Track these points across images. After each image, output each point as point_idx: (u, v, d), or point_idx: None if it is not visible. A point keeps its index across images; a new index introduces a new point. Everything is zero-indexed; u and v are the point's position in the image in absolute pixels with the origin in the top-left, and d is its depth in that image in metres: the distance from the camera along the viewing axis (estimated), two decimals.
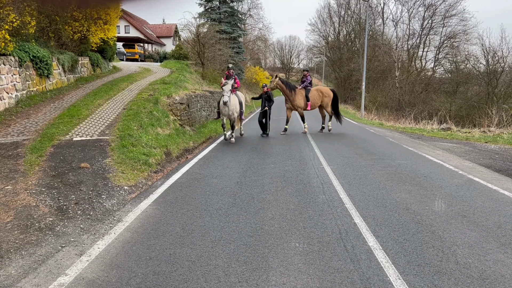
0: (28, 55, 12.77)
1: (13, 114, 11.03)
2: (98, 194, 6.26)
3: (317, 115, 18.09)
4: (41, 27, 14.30)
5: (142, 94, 14.53)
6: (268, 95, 14.23)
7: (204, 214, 5.69)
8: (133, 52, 38.26)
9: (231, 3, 38.67)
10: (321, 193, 6.81)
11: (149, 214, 5.70)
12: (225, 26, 36.04)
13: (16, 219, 5.16)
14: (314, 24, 65.14)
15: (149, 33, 50.65)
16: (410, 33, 43.06)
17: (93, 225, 5.19)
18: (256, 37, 72.17)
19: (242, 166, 9.02)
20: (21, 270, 3.94)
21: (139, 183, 7.25)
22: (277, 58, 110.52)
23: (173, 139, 11.01)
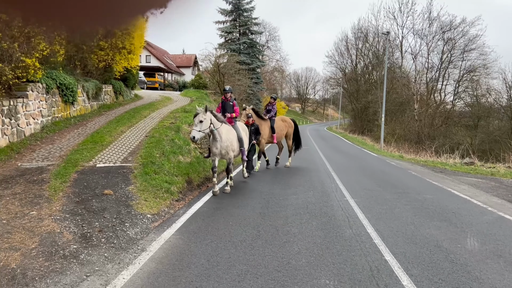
0: (55, 82, 13.10)
1: (38, 139, 11.21)
2: (121, 221, 6.20)
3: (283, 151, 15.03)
4: (68, 55, 14.71)
5: (164, 122, 14.68)
6: (255, 127, 11.64)
7: (228, 246, 5.55)
8: (153, 81, 39.06)
9: (250, 35, 39.54)
10: (347, 227, 6.62)
11: (173, 244, 5.59)
12: (244, 57, 36.69)
13: (41, 246, 5.11)
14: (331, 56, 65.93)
15: (169, 62, 51.82)
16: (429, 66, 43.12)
17: (117, 254, 5.10)
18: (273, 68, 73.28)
19: (263, 196, 8.90)
20: None
21: (161, 211, 7.18)
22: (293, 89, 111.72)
23: (194, 167, 10.99)
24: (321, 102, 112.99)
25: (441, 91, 43.81)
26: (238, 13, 38.64)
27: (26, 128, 11.22)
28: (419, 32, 43.67)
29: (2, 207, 6.28)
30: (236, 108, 10.01)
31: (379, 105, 41.02)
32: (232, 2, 38.64)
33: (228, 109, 9.89)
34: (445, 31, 42.30)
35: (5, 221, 5.71)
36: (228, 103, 9.99)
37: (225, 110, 9.86)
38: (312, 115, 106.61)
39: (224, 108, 9.92)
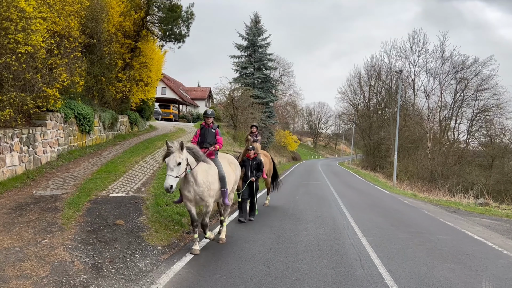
0: (73, 112, 13.46)
1: (54, 167, 11.42)
2: (132, 253, 6.21)
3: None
4: (87, 86, 15.16)
5: None
6: (257, 162, 9.72)
7: (238, 282, 5.50)
8: (168, 112, 39.74)
9: (265, 70, 40.30)
10: (359, 266, 6.51)
11: (182, 277, 5.56)
12: (258, 91, 37.27)
13: (52, 275, 5.13)
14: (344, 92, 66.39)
15: (184, 95, 52.81)
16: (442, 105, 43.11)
17: (127, 286, 5.09)
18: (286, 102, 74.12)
19: (274, 232, 8.83)
20: None
21: (172, 244, 7.17)
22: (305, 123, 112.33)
23: None
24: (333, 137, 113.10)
25: (455, 130, 43.60)
26: (254, 49, 39.58)
27: (43, 156, 11.45)
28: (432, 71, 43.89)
29: (16, 234, 6.35)
30: (220, 138, 7.79)
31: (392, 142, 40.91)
32: (248, 38, 39.67)
33: (208, 137, 7.67)
34: (458, 71, 42.50)
35: (18, 248, 5.77)
36: (209, 130, 7.78)
37: (204, 140, 7.69)
38: (324, 150, 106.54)
39: (204, 137, 7.71)
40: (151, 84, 20.65)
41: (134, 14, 17.82)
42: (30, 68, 10.05)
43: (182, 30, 19.19)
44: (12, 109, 9.51)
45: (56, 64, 11.67)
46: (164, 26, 18.80)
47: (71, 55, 12.52)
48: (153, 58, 20.20)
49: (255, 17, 40.52)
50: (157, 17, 19.08)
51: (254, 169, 9.65)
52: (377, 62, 59.39)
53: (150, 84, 20.58)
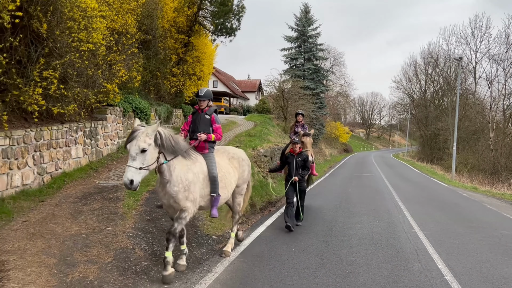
0: (131, 106, 14.04)
1: (114, 159, 12.01)
2: (188, 241, 6.42)
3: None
4: (144, 81, 15.75)
5: (229, 146, 15.05)
6: (303, 158, 8.42)
7: (291, 272, 5.54)
8: (219, 105, 40.41)
9: (315, 60, 39.77)
10: (416, 260, 6.32)
11: (236, 266, 5.68)
12: (309, 82, 36.88)
13: (115, 260, 5.44)
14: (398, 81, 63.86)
15: (235, 87, 53.43)
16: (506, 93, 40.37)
17: (185, 273, 5.29)
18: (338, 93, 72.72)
19: (326, 224, 8.77)
20: None
21: (226, 234, 7.33)
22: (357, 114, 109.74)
23: (257, 191, 11.13)
24: (387, 128, 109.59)
25: None
26: (303, 40, 39.13)
27: (104, 148, 12.08)
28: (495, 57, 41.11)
29: (82, 222, 6.78)
30: (217, 126, 5.99)
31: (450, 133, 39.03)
32: (298, 29, 39.27)
33: (201, 126, 5.93)
34: None
35: (84, 235, 6.16)
36: (202, 116, 6.00)
37: (196, 129, 5.96)
38: (377, 141, 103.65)
39: (195, 125, 5.99)
40: (203, 78, 21.07)
41: (187, 10, 18.21)
42: (91, 65, 10.59)
43: (233, 23, 19.37)
44: (76, 104, 10.09)
45: (115, 60, 12.22)
46: (216, 20, 19.07)
47: (128, 51, 13.04)
48: (205, 52, 20.57)
49: (304, 8, 39.97)
50: (209, 12, 19.38)
51: (299, 166, 8.34)
52: (435, 49, 56.44)
53: (203, 78, 21.00)
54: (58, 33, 8.55)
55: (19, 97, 7.79)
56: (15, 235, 5.78)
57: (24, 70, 8.04)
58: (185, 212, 5.29)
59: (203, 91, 6.08)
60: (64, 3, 8.79)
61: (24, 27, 7.86)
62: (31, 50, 8.18)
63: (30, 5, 7.67)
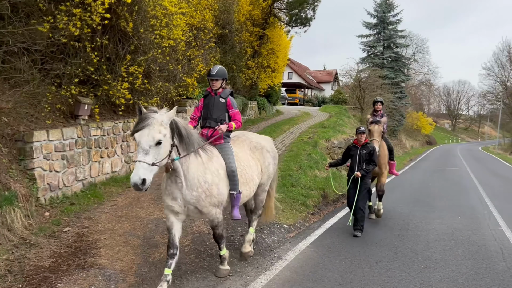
0: None
1: None
2: (260, 229, 6.61)
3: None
4: None
5: (302, 137, 15.10)
6: (368, 150, 7.14)
7: (363, 265, 5.48)
8: (294, 97, 40.43)
9: (395, 48, 38.02)
10: (500, 259, 5.90)
11: (307, 255, 5.76)
12: (388, 71, 35.41)
13: (192, 244, 5.80)
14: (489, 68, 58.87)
15: (310, 78, 52.96)
16: None
17: (256, 259, 5.48)
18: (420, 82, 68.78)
19: (403, 218, 8.48)
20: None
21: (297, 223, 7.43)
22: (442, 104, 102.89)
23: (330, 182, 11.05)
24: (476, 119, 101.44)
25: None
26: (383, 27, 37.52)
27: None
28: None
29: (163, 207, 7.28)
30: (234, 111, 5.05)
31: None
32: (377, 16, 37.74)
33: (215, 111, 4.99)
34: None
35: (165, 219, 6.62)
36: (216, 99, 5.03)
37: (208, 115, 5.03)
38: (464, 133, 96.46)
39: (208, 110, 5.04)
40: (278, 70, 21.22)
41: (262, 2, 18.41)
42: (172, 60, 11.20)
43: (308, 13, 19.20)
44: (159, 98, 10.77)
45: (194, 55, 12.80)
46: (290, 11, 19.05)
47: (206, 46, 13.58)
48: (280, 44, 20.67)
49: None
50: (284, 3, 19.41)
51: (363, 160, 7.09)
52: None
53: (277, 70, 21.15)
54: (142, 31, 9.16)
55: (108, 91, 8.51)
56: (105, 217, 6.39)
57: (113, 67, 8.76)
58: (214, 221, 4.69)
59: (216, 69, 5.00)
60: (147, 2, 9.39)
61: (112, 27, 8.55)
62: (119, 47, 8.87)
63: (118, 6, 8.31)
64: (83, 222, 6.06)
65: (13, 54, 6.72)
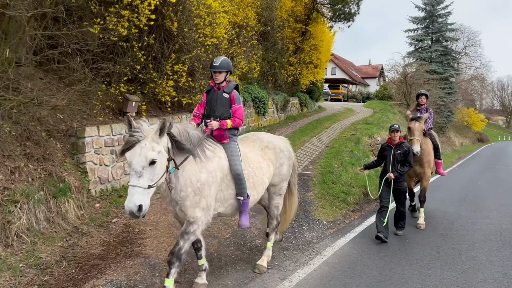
0: (251, 95, 14.79)
1: None
2: (299, 224, 6.69)
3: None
4: (262, 71, 16.43)
5: (344, 134, 14.95)
6: (403, 150, 6.60)
7: (403, 262, 5.42)
8: (337, 93, 39.88)
9: (444, 42, 36.58)
10: None
11: (346, 252, 5.77)
12: (436, 66, 34.13)
13: (232, 237, 5.98)
14: None
15: (354, 74, 52.02)
16: None
17: (295, 254, 5.57)
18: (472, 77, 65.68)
19: (447, 217, 8.24)
20: (235, 283, 4.54)
21: (337, 220, 7.42)
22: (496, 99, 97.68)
23: (372, 180, 10.88)
24: None
25: None
26: (431, 20, 36.16)
27: None
28: None
29: None
30: (236, 107, 4.63)
31: None
32: (425, 9, 36.41)
33: (218, 108, 4.61)
34: None
35: None
36: (219, 94, 4.64)
37: (211, 111, 4.65)
38: None
39: (211, 107, 4.67)
40: (320, 65, 21.08)
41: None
42: None
43: (352, 8, 18.92)
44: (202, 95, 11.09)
45: (236, 52, 13.01)
46: (334, 6, 18.85)
47: (248, 43, 13.75)
48: (323, 40, 20.52)
49: None
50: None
51: (397, 161, 6.57)
52: None
53: (320, 65, 21.01)
54: (186, 30, 9.44)
55: (154, 89, 8.86)
56: (151, 209, 6.67)
57: (159, 65, 9.10)
58: (193, 224, 4.03)
59: (219, 60, 4.57)
60: (192, 1, 9.66)
61: (158, 27, 8.88)
62: (164, 47, 9.20)
63: (163, 6, 8.62)
64: None
65: (67, 54, 7.16)
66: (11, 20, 5.87)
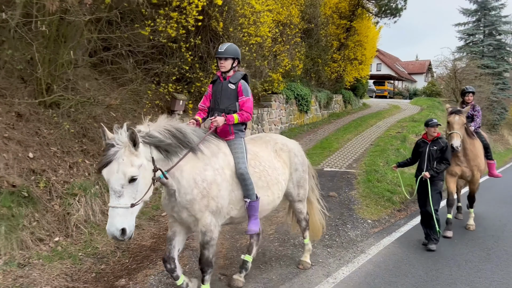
0: (293, 93, 14.83)
1: None
2: (343, 222, 6.69)
3: None
4: (305, 68, 16.40)
5: (390, 131, 14.65)
6: (440, 147, 5.97)
7: (450, 263, 5.31)
8: (382, 89, 39.00)
9: (498, 35, 34.77)
10: None
11: (391, 251, 5.72)
12: (488, 60, 32.55)
13: (276, 233, 6.09)
14: None
15: (400, 70, 50.56)
16: None
17: (338, 251, 5.59)
18: None
19: (499, 219, 7.92)
20: (280, 278, 4.65)
21: (382, 219, 7.34)
22: None
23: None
24: None
25: None
26: (484, 13, 34.45)
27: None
28: None
29: None
30: (244, 99, 4.14)
31: None
32: (477, 1, 34.79)
33: (223, 100, 4.15)
34: None
35: None
36: (225, 85, 4.15)
37: (216, 104, 4.19)
38: None
39: (215, 98, 4.20)
40: (365, 62, 20.74)
41: None
42: (258, 57, 11.59)
43: (399, 3, 18.48)
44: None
45: (280, 51, 13.10)
46: (379, 1, 18.49)
47: (291, 41, 13.79)
48: (368, 36, 20.16)
49: None
50: None
51: (433, 158, 5.98)
52: None
53: (364, 62, 20.67)
54: (231, 30, 9.64)
55: (200, 88, 9.13)
56: None
57: (204, 65, 9.36)
58: (206, 233, 3.74)
59: (225, 46, 4.10)
60: (236, 2, 9.84)
61: (204, 27, 9.14)
62: (210, 47, 9.45)
63: (210, 7, 8.85)
64: None
65: (120, 56, 7.54)
66: (69, 25, 6.27)
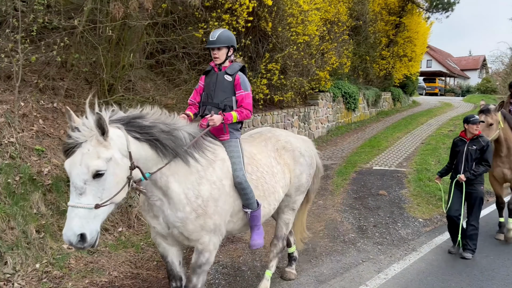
0: (341, 91, 14.75)
1: (324, 141, 12.97)
2: (394, 221, 6.66)
3: None
4: (353, 66, 16.25)
5: (441, 130, 14.24)
6: (480, 146, 5.23)
7: (508, 264, 5.17)
8: (433, 87, 37.69)
9: None
10: None
11: (444, 249, 5.64)
12: None
13: (326, 229, 6.18)
14: None
15: (452, 66, 48.54)
16: None
17: (389, 249, 5.60)
18: None
19: None
20: (331, 272, 4.75)
21: (434, 218, 7.21)
22: None
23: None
24: None
25: None
26: None
27: (315, 131, 13.18)
28: None
29: None
30: (243, 94, 3.62)
31: None
32: None
33: (217, 94, 3.63)
34: None
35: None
36: (220, 76, 3.65)
37: (209, 98, 3.67)
38: None
39: (209, 91, 3.69)
40: (415, 58, 20.19)
41: None
42: (306, 55, 11.66)
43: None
44: (293, 92, 11.36)
45: (327, 49, 13.08)
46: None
47: (339, 39, 13.74)
48: (418, 32, 19.62)
49: None
50: None
51: (472, 158, 5.25)
52: None
53: (414, 58, 20.14)
54: (280, 30, 9.78)
55: None
56: None
57: (253, 65, 9.58)
58: (203, 253, 3.25)
59: (216, 33, 3.59)
60: (285, 1, 9.97)
61: (254, 28, 9.34)
62: (259, 46, 9.65)
63: (259, 8, 9.04)
64: None
65: (175, 57, 7.90)
66: (130, 29, 6.68)
